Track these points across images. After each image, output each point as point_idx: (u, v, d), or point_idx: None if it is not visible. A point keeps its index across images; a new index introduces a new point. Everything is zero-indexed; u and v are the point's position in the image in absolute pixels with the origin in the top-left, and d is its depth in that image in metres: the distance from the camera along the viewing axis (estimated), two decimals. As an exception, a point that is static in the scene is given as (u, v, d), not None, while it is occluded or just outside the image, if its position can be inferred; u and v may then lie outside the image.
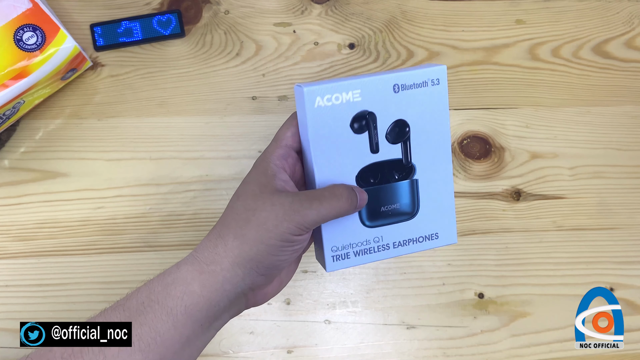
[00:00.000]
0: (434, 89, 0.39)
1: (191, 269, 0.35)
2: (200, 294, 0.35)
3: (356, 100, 0.38)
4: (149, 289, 0.35)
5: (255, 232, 0.35)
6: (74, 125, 0.53)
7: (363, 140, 0.39)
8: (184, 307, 0.34)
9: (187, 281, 0.35)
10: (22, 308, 0.51)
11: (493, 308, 0.55)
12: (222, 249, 0.35)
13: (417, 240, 0.42)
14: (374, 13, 0.57)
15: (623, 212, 0.57)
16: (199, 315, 0.35)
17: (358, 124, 0.38)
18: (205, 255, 0.36)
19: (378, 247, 0.41)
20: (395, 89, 0.39)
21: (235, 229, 0.36)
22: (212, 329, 0.37)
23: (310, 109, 0.37)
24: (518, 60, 0.58)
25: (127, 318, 0.34)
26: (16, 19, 0.47)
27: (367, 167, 0.39)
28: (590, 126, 0.58)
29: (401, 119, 0.39)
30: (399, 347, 0.53)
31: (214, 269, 0.35)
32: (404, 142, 0.40)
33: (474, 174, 0.56)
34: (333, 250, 0.40)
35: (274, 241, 0.35)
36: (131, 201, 0.53)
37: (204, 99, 0.55)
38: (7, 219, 0.52)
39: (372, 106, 0.38)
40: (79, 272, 0.52)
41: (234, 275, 0.35)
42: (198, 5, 0.56)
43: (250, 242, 0.35)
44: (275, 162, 0.38)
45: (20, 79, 0.46)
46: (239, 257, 0.35)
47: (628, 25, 0.60)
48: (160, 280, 0.35)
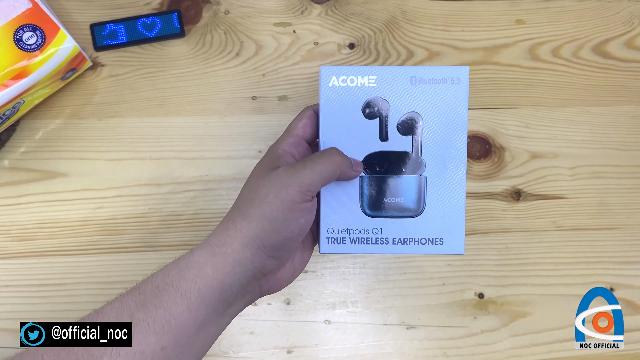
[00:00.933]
0: (454, 88, 0.39)
1: (204, 252, 0.36)
2: (212, 276, 0.35)
3: (371, 86, 0.39)
4: (164, 272, 0.36)
5: (259, 208, 0.36)
6: (73, 125, 0.53)
7: (373, 126, 0.39)
8: (197, 290, 0.35)
9: (200, 264, 0.35)
10: (22, 308, 0.51)
11: (493, 308, 0.55)
12: (233, 231, 0.36)
13: (419, 241, 0.41)
14: (374, 13, 0.57)
15: (623, 212, 0.57)
16: (212, 298, 0.35)
17: (370, 109, 0.39)
18: (217, 239, 0.36)
19: (376, 239, 0.40)
20: (412, 80, 0.39)
21: (242, 210, 0.37)
22: (226, 315, 0.37)
23: (324, 87, 0.39)
24: (518, 60, 0.58)
25: (143, 301, 0.34)
26: (16, 19, 0.47)
27: (375, 154, 0.40)
28: (590, 126, 0.58)
29: (415, 111, 0.39)
30: (399, 347, 0.53)
31: (225, 251, 0.35)
32: (415, 136, 0.40)
33: (474, 174, 0.56)
34: (329, 232, 0.40)
35: (276, 213, 0.35)
36: (131, 201, 0.53)
37: (204, 99, 0.55)
38: (7, 219, 0.52)
39: (387, 94, 0.39)
40: (79, 272, 0.52)
41: (243, 257, 0.36)
42: (198, 5, 0.56)
43: (255, 219, 0.36)
44: (284, 147, 0.39)
45: (20, 79, 0.46)
46: (246, 237, 0.36)
47: (628, 25, 0.60)
48: (175, 264, 0.36)
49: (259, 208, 0.36)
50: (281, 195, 0.35)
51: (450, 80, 0.39)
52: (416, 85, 0.39)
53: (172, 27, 0.54)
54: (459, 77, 0.39)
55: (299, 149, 0.40)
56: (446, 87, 0.39)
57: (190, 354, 0.35)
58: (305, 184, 0.36)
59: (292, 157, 0.39)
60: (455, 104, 0.39)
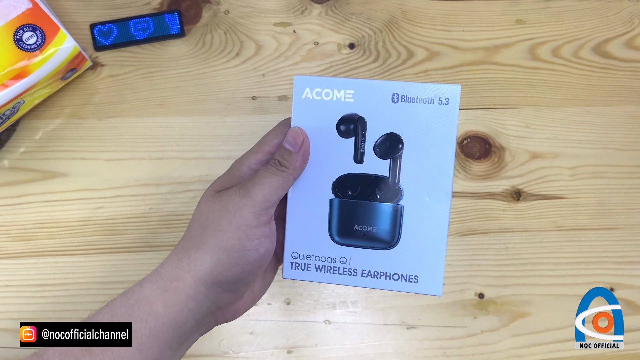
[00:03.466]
0: (442, 110, 0.35)
1: (154, 287, 0.33)
2: (164, 314, 0.33)
3: (347, 101, 0.35)
4: (112, 310, 0.33)
5: (213, 237, 0.33)
6: (73, 125, 0.53)
7: (348, 146, 0.36)
8: (149, 329, 0.32)
9: (151, 301, 0.33)
10: (22, 308, 0.51)
11: (493, 308, 0.55)
12: (186, 263, 0.33)
13: (392, 276, 0.36)
14: (374, 13, 0.57)
15: (623, 212, 0.57)
16: (165, 337, 0.33)
17: (345, 126, 0.35)
18: (168, 271, 0.34)
19: (344, 269, 0.37)
20: (394, 98, 0.35)
21: (195, 239, 0.34)
22: (181, 349, 0.35)
23: (297, 99, 0.36)
24: (518, 60, 0.58)
25: None
26: (16, 18, 0.46)
27: (347, 176, 0.36)
28: (590, 126, 0.58)
29: (394, 133, 0.35)
30: (399, 347, 0.53)
31: (177, 286, 0.33)
32: (394, 160, 0.36)
33: (474, 174, 0.56)
34: (293, 257, 0.37)
35: (232, 242, 0.33)
36: (131, 201, 0.53)
37: (204, 99, 0.55)
38: (7, 219, 0.52)
39: (365, 111, 0.35)
40: (79, 272, 0.52)
41: (197, 292, 0.33)
42: (198, 5, 0.56)
43: (210, 250, 0.33)
44: (250, 165, 0.36)
45: (20, 79, 0.46)
46: (200, 272, 0.33)
47: (628, 25, 0.60)
48: (123, 301, 0.33)
49: (212, 237, 0.33)
50: (235, 220, 0.33)
51: (438, 100, 0.34)
52: (398, 103, 0.35)
53: (172, 27, 0.54)
54: (448, 98, 0.34)
55: None
56: (433, 109, 0.34)
57: None
58: (258, 203, 0.33)
59: None
60: (443, 127, 0.35)
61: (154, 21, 0.54)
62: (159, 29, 0.54)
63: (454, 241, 0.55)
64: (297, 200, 0.37)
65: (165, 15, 0.54)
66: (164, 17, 0.54)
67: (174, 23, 0.54)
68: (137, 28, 0.54)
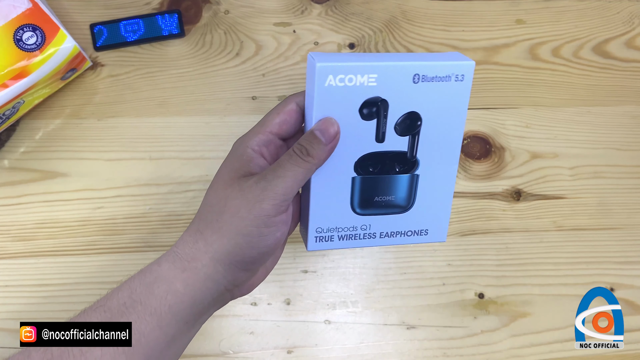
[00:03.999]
0: (457, 85, 0.37)
1: (172, 266, 0.34)
2: (184, 292, 0.34)
3: (371, 85, 0.35)
4: (130, 288, 0.34)
5: (230, 224, 0.34)
6: (73, 125, 0.53)
7: (369, 127, 0.37)
8: (168, 306, 0.33)
9: (170, 280, 0.34)
10: (22, 308, 0.51)
11: (493, 308, 0.55)
12: (203, 244, 0.34)
13: (406, 233, 0.41)
14: (374, 13, 0.57)
15: (623, 212, 0.57)
16: (183, 314, 0.34)
17: (368, 110, 0.36)
18: (186, 252, 0.35)
19: (364, 234, 0.40)
20: (415, 79, 0.36)
21: (212, 222, 0.35)
22: (197, 324, 0.36)
23: (319, 87, 0.35)
24: (518, 60, 0.58)
25: (109, 319, 0.33)
26: (16, 18, 0.46)
27: (368, 155, 0.38)
28: (590, 126, 0.58)
29: (414, 111, 0.37)
30: (399, 347, 0.53)
31: (195, 266, 0.34)
32: (413, 136, 0.38)
33: (474, 174, 0.56)
34: (317, 232, 0.39)
35: (250, 228, 0.33)
36: (131, 201, 0.53)
37: (204, 99, 0.55)
38: (7, 219, 0.52)
39: (387, 94, 0.36)
40: (79, 272, 0.52)
41: (215, 272, 0.34)
42: (198, 5, 0.56)
43: (227, 234, 0.34)
44: (253, 147, 0.36)
45: (20, 78, 0.46)
46: (217, 253, 0.34)
47: (628, 25, 0.60)
48: (142, 279, 0.34)
49: (230, 223, 0.34)
50: (255, 210, 0.33)
51: (455, 77, 0.36)
52: (419, 83, 0.36)
53: (172, 27, 0.54)
54: (463, 74, 0.36)
55: (270, 148, 0.37)
56: (449, 85, 0.36)
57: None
58: (279, 196, 0.33)
59: (262, 159, 0.36)
60: (456, 102, 0.37)
61: (154, 21, 0.54)
62: (159, 29, 0.54)
63: (454, 241, 0.55)
64: (320, 181, 0.38)
65: (165, 15, 0.54)
66: (164, 17, 0.54)
67: (174, 23, 0.54)
68: (137, 28, 0.54)
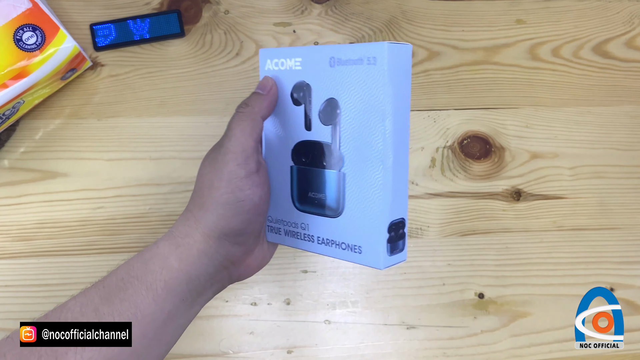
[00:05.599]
0: (370, 70, 0.32)
1: (167, 244, 0.35)
2: (178, 268, 0.35)
3: (297, 69, 0.36)
4: (129, 265, 0.35)
5: (210, 196, 0.35)
6: (73, 125, 0.53)
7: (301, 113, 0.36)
8: (164, 281, 0.34)
9: (165, 256, 0.35)
10: (22, 308, 0.51)
11: (493, 308, 0.55)
12: (193, 221, 0.36)
13: (340, 245, 0.36)
14: (374, 13, 0.57)
15: (623, 212, 0.57)
16: (179, 289, 0.34)
17: (296, 94, 0.36)
18: (179, 230, 0.36)
19: (304, 235, 0.38)
20: (331, 62, 0.34)
21: (196, 200, 0.36)
22: (195, 304, 0.37)
23: (262, 71, 0.37)
24: (518, 60, 0.58)
25: (107, 294, 0.34)
26: (16, 18, 0.46)
27: (301, 143, 0.36)
28: (590, 126, 0.58)
29: (333, 98, 0.34)
30: (399, 347, 0.53)
31: (188, 242, 0.35)
32: (334, 126, 0.35)
33: (474, 174, 0.56)
34: (269, 221, 0.39)
35: (226, 196, 0.34)
36: (131, 201, 0.53)
37: (204, 98, 0.55)
38: (7, 219, 0.52)
39: (310, 78, 0.35)
40: (79, 272, 0.52)
41: (208, 247, 0.35)
42: (198, 5, 0.56)
43: (210, 207, 0.35)
44: None
45: (20, 78, 0.46)
46: (206, 227, 0.35)
47: (628, 25, 0.60)
48: (139, 257, 0.35)
49: (210, 196, 0.35)
50: (224, 176, 0.35)
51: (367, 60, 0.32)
52: (335, 67, 0.34)
53: (172, 27, 0.54)
54: (375, 57, 0.32)
55: None
56: (363, 69, 0.32)
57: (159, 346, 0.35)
58: (238, 153, 0.35)
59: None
60: (374, 89, 0.32)
61: (154, 21, 0.54)
62: (159, 29, 0.54)
63: (454, 241, 0.55)
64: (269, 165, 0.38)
65: (165, 15, 0.54)
66: (164, 17, 0.54)
67: (174, 23, 0.54)
68: (137, 28, 0.54)
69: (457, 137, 0.57)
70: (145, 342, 0.34)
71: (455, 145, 0.56)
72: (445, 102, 0.57)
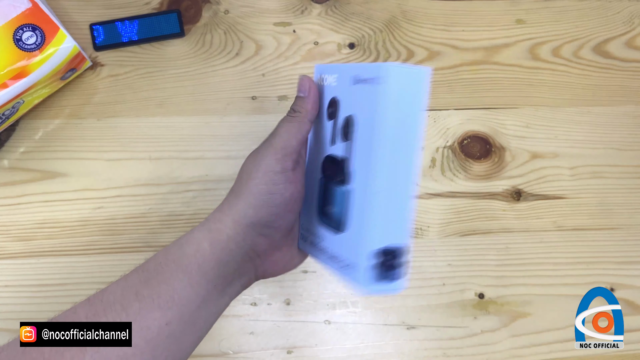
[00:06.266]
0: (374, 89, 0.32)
1: (202, 228, 0.37)
2: (210, 251, 0.36)
3: (333, 85, 0.37)
4: (166, 250, 0.36)
5: (246, 186, 0.37)
6: (73, 125, 0.53)
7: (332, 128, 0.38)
8: (197, 265, 0.35)
9: (199, 240, 0.36)
10: (22, 308, 0.51)
11: (493, 308, 0.55)
12: (227, 208, 0.37)
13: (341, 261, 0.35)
14: (374, 13, 0.57)
15: (623, 212, 0.57)
16: (211, 274, 0.36)
17: (331, 109, 0.38)
18: (214, 216, 0.37)
19: (320, 246, 0.38)
20: (353, 80, 0.35)
21: (235, 189, 0.38)
22: (225, 294, 0.37)
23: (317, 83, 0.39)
24: (518, 60, 0.58)
25: (146, 277, 0.35)
26: (16, 18, 0.46)
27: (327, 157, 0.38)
28: (590, 126, 0.58)
29: (350, 115, 0.35)
30: (399, 347, 0.53)
31: (219, 227, 0.36)
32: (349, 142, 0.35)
33: (474, 174, 0.56)
34: (303, 228, 0.40)
35: (260, 186, 0.36)
36: (131, 201, 0.53)
37: (204, 99, 0.55)
38: (7, 219, 0.52)
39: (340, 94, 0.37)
40: (79, 272, 0.52)
41: (236, 233, 0.36)
42: (198, 5, 0.56)
43: (243, 196, 0.37)
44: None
45: (20, 78, 0.46)
46: (237, 214, 0.36)
47: (628, 25, 0.60)
48: (176, 242, 0.37)
49: (245, 186, 0.37)
50: (261, 167, 0.36)
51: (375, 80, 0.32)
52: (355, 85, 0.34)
53: (171, 27, 0.54)
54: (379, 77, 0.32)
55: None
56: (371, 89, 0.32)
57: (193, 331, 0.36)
58: (279, 150, 0.36)
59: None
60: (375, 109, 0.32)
61: (154, 21, 0.54)
62: (159, 28, 0.54)
63: (454, 241, 0.55)
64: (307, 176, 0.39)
65: (165, 15, 0.54)
66: (163, 17, 0.54)
67: (173, 23, 0.54)
68: (137, 28, 0.54)
69: (457, 137, 0.57)
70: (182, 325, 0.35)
71: (455, 145, 0.56)
72: (445, 102, 0.57)
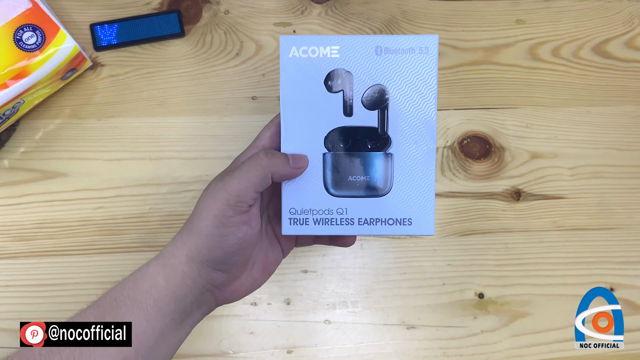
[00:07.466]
0: (422, 58, 0.37)
1: (157, 263, 0.36)
2: (165, 287, 0.35)
3: (334, 57, 0.37)
4: (121, 286, 0.36)
5: (197, 224, 0.36)
6: (73, 125, 0.53)
7: (337, 100, 0.37)
8: (153, 300, 0.35)
9: (154, 275, 0.36)
10: (22, 308, 0.51)
11: (493, 308, 0.55)
12: (180, 244, 0.36)
13: (387, 221, 0.38)
14: (374, 13, 0.57)
15: (623, 212, 0.57)
16: (167, 308, 0.35)
17: (333, 82, 0.37)
18: (168, 250, 0.37)
19: (341, 219, 0.38)
20: (377, 51, 0.37)
21: (187, 224, 0.37)
22: (185, 325, 0.37)
23: (284, 59, 0.37)
24: (518, 60, 0.58)
25: (102, 314, 0.35)
26: (16, 18, 0.47)
27: (338, 129, 0.38)
28: (590, 126, 0.58)
29: (380, 84, 0.37)
30: (399, 347, 0.53)
31: (174, 263, 0.36)
32: (381, 110, 0.37)
33: (474, 174, 0.56)
34: (291, 213, 0.38)
35: (210, 229, 0.35)
36: (131, 201, 0.53)
37: (204, 99, 0.55)
38: (7, 219, 0.52)
39: (350, 65, 0.37)
40: (79, 272, 0.52)
41: (190, 270, 0.36)
42: (198, 5, 0.56)
43: (196, 234, 0.36)
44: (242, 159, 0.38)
45: (20, 78, 0.46)
46: (190, 251, 0.36)
47: (628, 25, 0.60)
48: (131, 277, 0.37)
49: (197, 224, 0.36)
50: (212, 210, 0.35)
51: (419, 50, 0.36)
52: (382, 55, 0.36)
53: (172, 27, 0.54)
54: (427, 47, 0.37)
55: None
56: (414, 58, 0.37)
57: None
58: (233, 196, 0.35)
59: None
60: (424, 75, 0.37)
61: (154, 21, 0.54)
62: (159, 28, 0.54)
63: (454, 241, 0.55)
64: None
65: (165, 15, 0.54)
66: (164, 17, 0.54)
67: (174, 23, 0.54)
68: (137, 28, 0.54)
69: (457, 137, 0.57)
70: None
71: (455, 145, 0.56)
72: (445, 102, 0.57)
